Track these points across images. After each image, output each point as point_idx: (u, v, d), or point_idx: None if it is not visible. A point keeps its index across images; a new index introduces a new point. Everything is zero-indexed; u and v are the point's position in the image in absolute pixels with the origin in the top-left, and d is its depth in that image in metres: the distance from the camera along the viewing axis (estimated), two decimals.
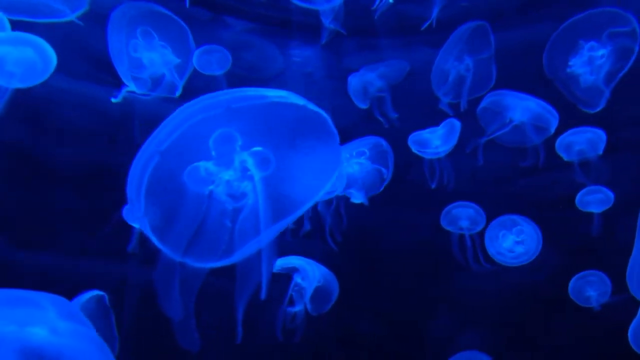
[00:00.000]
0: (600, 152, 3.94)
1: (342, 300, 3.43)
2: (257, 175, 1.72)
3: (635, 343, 3.05)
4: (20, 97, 2.78)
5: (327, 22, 3.42)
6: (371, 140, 3.67)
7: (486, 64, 3.97)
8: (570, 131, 3.97)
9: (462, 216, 3.79)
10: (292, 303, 3.46)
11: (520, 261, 3.71)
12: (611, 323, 3.66)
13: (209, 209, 1.76)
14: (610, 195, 3.72)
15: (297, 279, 3.57)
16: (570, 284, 3.75)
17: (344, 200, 3.70)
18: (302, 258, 3.56)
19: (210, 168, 1.74)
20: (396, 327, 4.16)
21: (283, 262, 3.62)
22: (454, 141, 3.72)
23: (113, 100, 3.27)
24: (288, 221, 1.77)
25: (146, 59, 3.28)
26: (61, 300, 1.76)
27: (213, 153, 1.74)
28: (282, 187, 1.74)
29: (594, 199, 3.74)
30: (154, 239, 1.76)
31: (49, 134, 3.75)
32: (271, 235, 1.74)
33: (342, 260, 3.69)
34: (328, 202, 3.75)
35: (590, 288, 3.69)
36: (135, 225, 3.84)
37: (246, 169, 1.74)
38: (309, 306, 3.44)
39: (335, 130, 1.71)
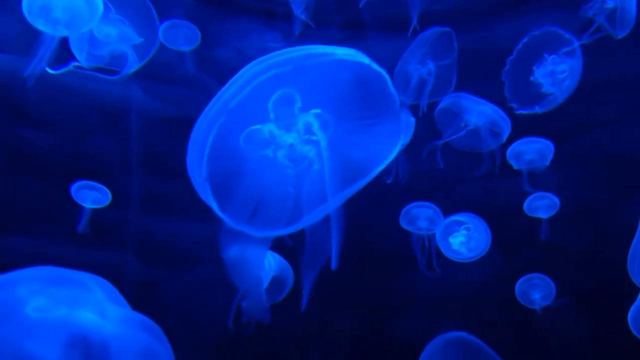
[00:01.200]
0: (548, 163, 4.12)
1: (296, 291, 3.41)
2: (323, 139, 1.64)
3: (635, 327, 3.16)
4: None
5: (299, 13, 3.43)
6: None
7: (448, 70, 4.07)
8: (521, 140, 4.13)
9: (421, 216, 3.85)
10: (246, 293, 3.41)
11: (471, 257, 3.81)
12: (555, 324, 3.83)
13: (271, 174, 1.67)
14: (557, 201, 3.89)
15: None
16: (517, 287, 3.88)
17: None
18: (257, 247, 3.52)
19: (274, 131, 1.66)
20: (342, 322, 4.17)
21: (234, 250, 3.56)
22: (408, 137, 3.78)
23: (49, 71, 3.11)
24: (354, 189, 1.68)
25: (101, 34, 3.14)
26: (104, 281, 1.67)
27: (272, 115, 1.65)
28: (347, 152, 1.66)
29: (542, 205, 3.90)
30: (215, 207, 1.67)
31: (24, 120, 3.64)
32: (338, 202, 1.65)
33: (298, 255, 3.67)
34: None
35: (535, 291, 3.83)
36: (86, 205, 3.71)
37: (311, 132, 1.65)
38: (263, 296, 3.40)
39: (395, 93, 1.66)
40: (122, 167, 4.00)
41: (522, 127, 3.95)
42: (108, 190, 3.70)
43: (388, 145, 1.69)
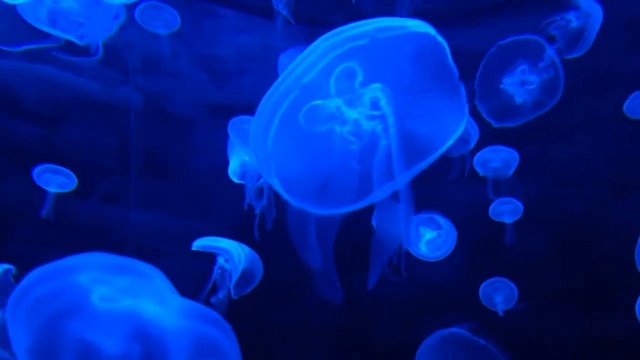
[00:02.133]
0: (512, 171, 4.24)
1: (265, 285, 3.39)
2: (391, 114, 1.59)
3: None
4: None
5: (280, 7, 3.44)
6: None
7: None
8: (487, 148, 4.24)
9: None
10: (215, 287, 3.37)
11: (436, 256, 3.86)
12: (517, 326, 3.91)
13: (336, 150, 1.62)
14: (520, 206, 4.00)
15: (221, 261, 3.47)
16: (480, 290, 3.96)
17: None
18: (227, 240, 3.48)
19: (341, 106, 1.60)
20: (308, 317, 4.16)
21: (205, 244, 3.52)
22: None
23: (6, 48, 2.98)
24: (423, 165, 1.64)
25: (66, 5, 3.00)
26: (159, 271, 1.60)
27: (332, 90, 1.60)
28: (411, 127, 1.62)
29: (506, 210, 4.01)
30: (279, 186, 1.61)
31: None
32: (406, 178, 1.61)
33: (269, 249, 3.65)
34: (259, 192, 3.71)
35: (497, 294, 3.91)
36: (51, 189, 3.60)
37: (377, 107, 1.60)
38: (231, 290, 3.35)
39: (454, 65, 1.60)
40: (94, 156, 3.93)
41: (490, 135, 4.06)
42: (74, 175, 3.60)
43: (452, 119, 1.65)
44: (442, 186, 4.21)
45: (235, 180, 3.66)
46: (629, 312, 3.51)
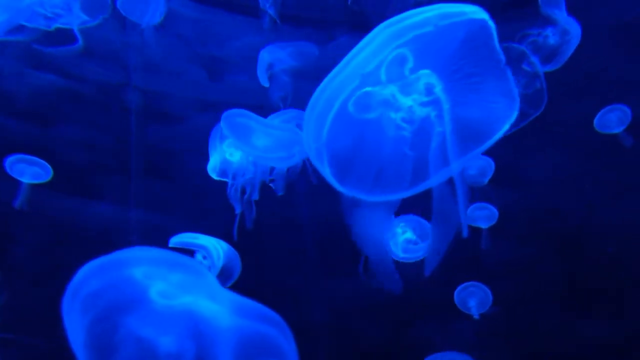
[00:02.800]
0: (487, 179, 4.31)
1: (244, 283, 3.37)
2: (446, 100, 1.58)
3: None
4: None
5: (266, 7, 3.45)
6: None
7: None
8: None
9: None
10: None
11: (411, 258, 3.89)
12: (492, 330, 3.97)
13: (389, 138, 1.61)
14: (495, 212, 4.07)
15: (199, 258, 3.44)
16: (455, 294, 4.01)
17: (258, 188, 3.67)
18: (205, 236, 3.45)
19: (396, 93, 1.59)
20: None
21: (183, 241, 3.48)
22: None
23: None
24: (477, 151, 1.64)
25: None
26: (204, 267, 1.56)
27: (383, 77, 1.58)
28: (463, 113, 1.61)
29: (481, 215, 4.08)
30: (330, 176, 1.58)
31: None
32: (461, 164, 1.60)
33: (249, 248, 3.63)
34: (242, 190, 3.69)
35: (471, 298, 3.96)
36: (24, 180, 3.52)
37: (431, 94, 1.58)
38: None
39: (501, 50, 1.59)
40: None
41: None
42: (49, 166, 3.53)
43: (503, 104, 1.65)
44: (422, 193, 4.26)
45: (214, 177, 3.64)
46: (605, 315, 3.61)
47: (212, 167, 3.65)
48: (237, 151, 3.59)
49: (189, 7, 3.94)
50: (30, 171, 3.52)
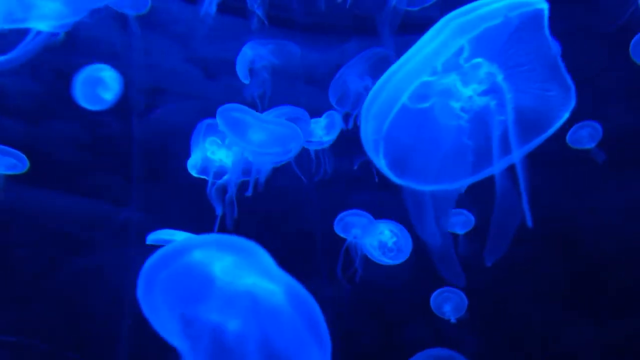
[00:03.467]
0: (463, 189, 4.38)
1: None
2: (507, 89, 1.58)
3: None
4: None
5: (254, 7, 3.48)
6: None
7: None
8: None
9: (355, 224, 3.92)
10: None
11: (395, 259, 3.91)
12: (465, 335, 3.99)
13: (449, 127, 1.61)
14: (472, 218, 4.14)
15: None
16: (431, 299, 4.04)
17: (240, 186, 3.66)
18: (183, 232, 3.41)
19: (457, 83, 1.59)
20: None
21: (161, 237, 3.44)
22: (336, 132, 3.89)
23: None
24: (537, 141, 1.64)
25: None
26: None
27: (439, 67, 1.57)
28: (520, 102, 1.61)
29: (458, 221, 4.13)
30: (388, 171, 1.55)
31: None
32: (521, 153, 1.60)
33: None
34: (222, 189, 3.68)
35: (446, 303, 3.99)
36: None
37: (492, 83, 1.58)
38: None
39: (551, 37, 1.59)
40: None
41: None
42: (25, 158, 3.46)
43: (558, 92, 1.66)
44: (395, 195, 4.30)
45: (194, 174, 3.61)
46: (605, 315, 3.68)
47: (193, 164, 3.63)
48: (219, 149, 3.58)
49: (181, 6, 3.96)
50: (4, 162, 3.45)
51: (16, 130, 3.71)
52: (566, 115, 1.71)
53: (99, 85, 2.84)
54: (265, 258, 1.61)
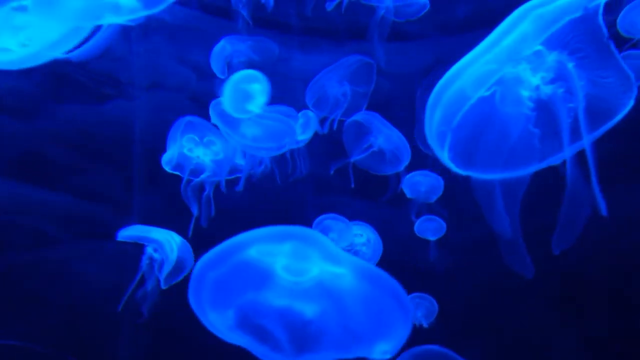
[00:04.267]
0: (436, 198, 4.46)
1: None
2: (578, 77, 1.58)
3: None
4: None
5: (239, 7, 3.48)
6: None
7: (361, 97, 4.29)
8: (416, 172, 4.44)
9: (333, 228, 3.93)
10: (143, 279, 3.25)
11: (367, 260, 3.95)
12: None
13: (514, 116, 1.60)
14: (443, 225, 4.21)
15: (149, 251, 3.36)
16: None
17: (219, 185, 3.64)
18: (156, 229, 3.38)
19: (527, 72, 1.59)
20: None
21: (132, 234, 3.39)
22: (312, 131, 3.90)
23: None
24: (604, 128, 1.62)
25: None
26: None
27: (504, 57, 1.58)
28: (586, 90, 1.61)
29: (430, 227, 4.20)
30: (453, 162, 1.55)
31: None
32: (589, 140, 1.59)
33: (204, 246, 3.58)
34: (200, 188, 3.65)
35: (417, 310, 4.04)
36: None
37: (561, 71, 1.58)
38: (161, 280, 3.24)
39: (604, 26, 1.59)
40: None
41: (421, 160, 4.27)
42: None
43: (616, 78, 1.66)
44: (375, 203, 4.35)
45: (168, 169, 3.58)
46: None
47: (168, 159, 3.60)
48: (197, 147, 3.56)
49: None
50: None
51: (9, 127, 3.64)
52: (631, 103, 1.70)
53: (247, 98, 2.82)
54: (326, 242, 1.61)
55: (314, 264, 1.57)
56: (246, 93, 2.82)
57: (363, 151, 4.21)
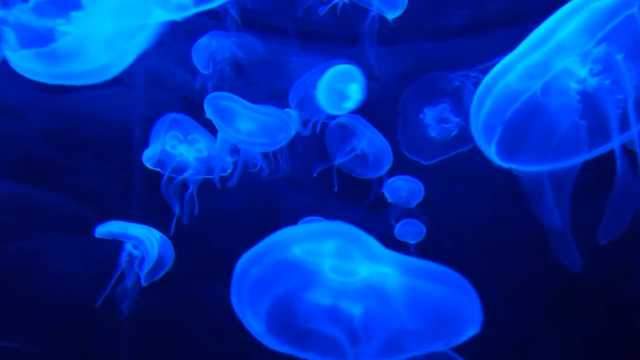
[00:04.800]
0: (416, 203, 4.49)
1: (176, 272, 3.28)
2: (628, 68, 1.59)
3: None
4: None
5: (228, 7, 3.46)
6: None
7: None
8: (397, 177, 4.47)
9: None
10: (122, 275, 3.20)
11: None
12: None
13: (561, 107, 1.61)
14: (423, 228, 4.24)
15: (129, 247, 3.32)
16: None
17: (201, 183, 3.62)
18: (135, 225, 3.34)
19: (576, 64, 1.60)
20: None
21: (110, 230, 3.35)
22: (294, 131, 3.90)
23: None
24: None
25: None
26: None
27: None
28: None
29: (410, 231, 4.23)
30: (498, 155, 1.53)
31: None
32: (638, 133, 1.60)
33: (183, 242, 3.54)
34: (183, 185, 3.62)
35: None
36: None
37: (608, 62, 1.59)
38: (141, 276, 3.20)
39: None
40: None
41: (403, 165, 4.30)
42: None
43: None
44: (357, 206, 4.36)
45: (149, 166, 3.54)
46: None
47: (150, 155, 3.56)
48: (180, 144, 3.53)
49: None
50: None
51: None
52: None
53: (343, 96, 2.79)
54: (370, 241, 1.59)
55: (360, 263, 1.55)
56: (343, 93, 2.82)
57: (346, 154, 4.22)
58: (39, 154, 3.83)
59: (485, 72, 3.88)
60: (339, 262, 1.57)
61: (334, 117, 4.31)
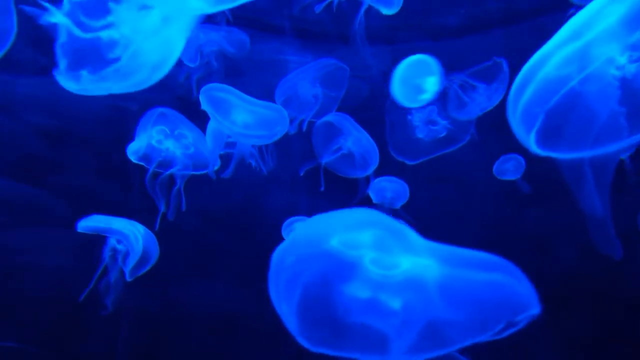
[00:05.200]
0: (401, 204, 4.50)
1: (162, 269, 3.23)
2: None
3: None
4: None
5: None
6: None
7: (331, 101, 4.31)
8: (383, 178, 4.48)
9: None
10: (106, 271, 3.15)
11: None
12: None
13: (600, 93, 1.62)
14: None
15: (112, 242, 3.26)
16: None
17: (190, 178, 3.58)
18: (118, 219, 3.29)
19: (616, 51, 1.61)
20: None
21: (94, 224, 3.29)
22: (283, 131, 3.88)
23: None
24: None
25: None
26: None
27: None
28: None
29: None
30: (537, 144, 1.51)
31: None
32: None
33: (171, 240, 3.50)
34: (171, 181, 3.57)
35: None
36: None
37: None
38: (125, 272, 3.15)
39: None
40: None
41: (390, 165, 4.32)
42: None
43: None
44: (343, 206, 4.35)
45: (134, 160, 3.49)
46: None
47: (135, 149, 3.51)
48: (167, 139, 3.49)
49: None
50: None
51: None
52: None
53: (419, 89, 2.74)
54: (408, 232, 1.55)
55: (400, 255, 1.52)
56: (419, 87, 2.79)
57: (332, 153, 4.21)
58: (33, 151, 3.77)
59: (474, 75, 3.94)
60: (379, 255, 1.54)
61: (319, 117, 4.31)
